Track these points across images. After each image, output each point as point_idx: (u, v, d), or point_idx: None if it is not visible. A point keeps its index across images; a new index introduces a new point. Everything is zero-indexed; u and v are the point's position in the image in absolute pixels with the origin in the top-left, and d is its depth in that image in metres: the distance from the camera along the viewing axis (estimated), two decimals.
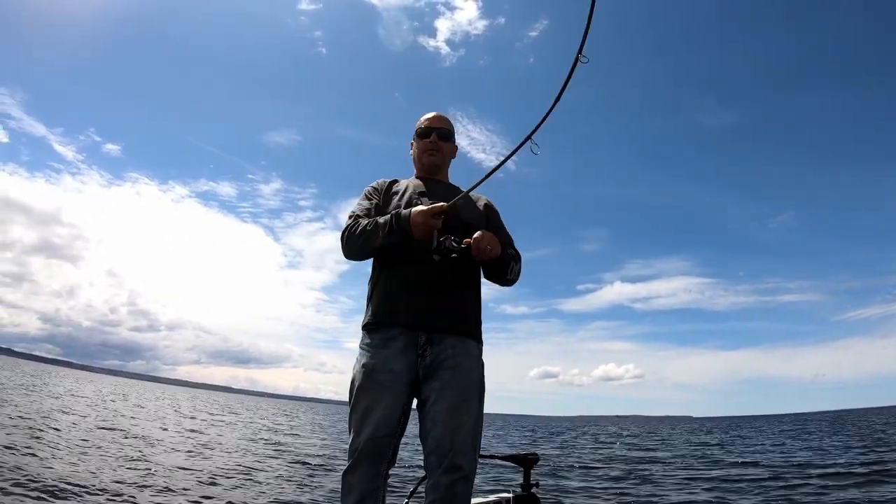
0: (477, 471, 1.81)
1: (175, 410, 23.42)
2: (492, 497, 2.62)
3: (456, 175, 2.24)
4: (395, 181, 2.17)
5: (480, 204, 2.13)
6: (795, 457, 12.58)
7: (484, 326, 2.02)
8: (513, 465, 2.72)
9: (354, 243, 1.96)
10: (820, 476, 8.79)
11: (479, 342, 1.98)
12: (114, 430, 10.73)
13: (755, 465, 11.19)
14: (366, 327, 1.94)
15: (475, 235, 1.82)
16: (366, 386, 1.83)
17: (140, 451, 8.17)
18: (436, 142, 2.12)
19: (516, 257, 2.05)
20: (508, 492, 2.65)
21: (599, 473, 9.95)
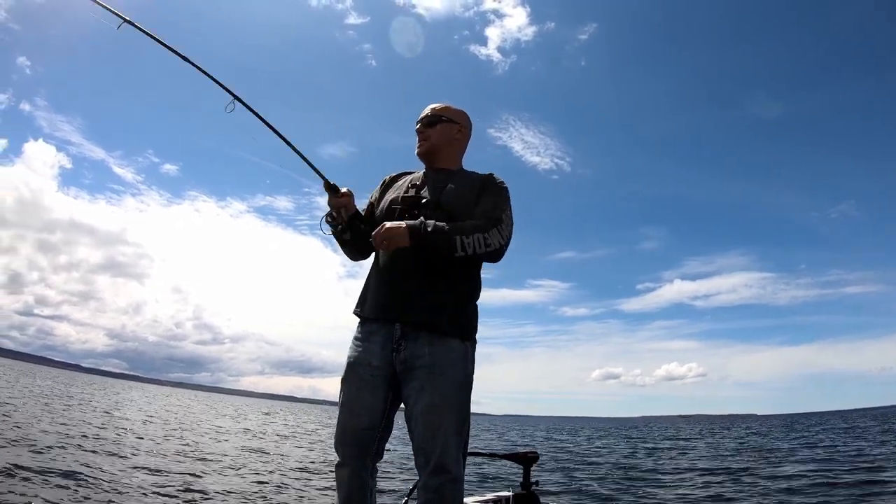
0: (477, 469, 1.91)
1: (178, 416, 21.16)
2: (490, 495, 2.66)
3: (505, 176, 2.05)
4: (404, 174, 2.17)
5: (476, 186, 1.97)
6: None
7: (544, 329, 2.04)
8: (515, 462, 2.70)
9: (341, 246, 2.09)
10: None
11: (463, 338, 1.85)
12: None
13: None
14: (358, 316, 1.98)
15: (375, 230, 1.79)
16: (348, 379, 1.86)
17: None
18: (421, 131, 2.07)
19: (470, 228, 1.78)
20: (508, 490, 2.68)
21: (607, 473, 9.60)
